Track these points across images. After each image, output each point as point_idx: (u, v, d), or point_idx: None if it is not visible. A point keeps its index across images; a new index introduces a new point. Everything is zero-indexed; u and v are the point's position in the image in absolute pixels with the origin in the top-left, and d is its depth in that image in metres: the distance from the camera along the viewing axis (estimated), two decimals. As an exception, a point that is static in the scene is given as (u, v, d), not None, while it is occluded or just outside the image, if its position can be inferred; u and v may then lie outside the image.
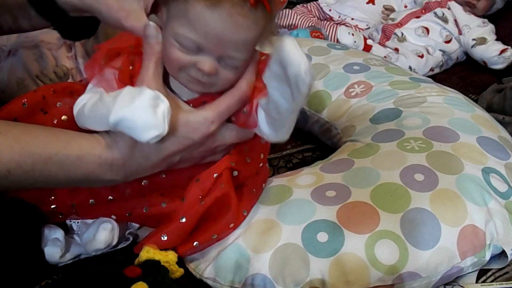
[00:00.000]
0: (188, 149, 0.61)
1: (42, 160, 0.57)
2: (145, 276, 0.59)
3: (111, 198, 0.67)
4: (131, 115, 0.54)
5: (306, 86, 0.51)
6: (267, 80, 0.55)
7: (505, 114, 1.00)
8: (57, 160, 0.57)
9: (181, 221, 0.64)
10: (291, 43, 0.49)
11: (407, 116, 0.84)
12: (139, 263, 0.62)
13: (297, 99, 0.53)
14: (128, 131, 0.55)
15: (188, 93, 0.62)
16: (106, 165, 0.59)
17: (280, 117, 0.57)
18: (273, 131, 0.60)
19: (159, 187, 0.66)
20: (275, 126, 0.60)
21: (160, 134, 0.55)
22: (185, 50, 0.57)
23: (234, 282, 0.65)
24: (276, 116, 0.58)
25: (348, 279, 0.61)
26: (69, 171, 0.58)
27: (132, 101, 0.54)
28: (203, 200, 0.64)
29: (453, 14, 1.38)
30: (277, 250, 0.64)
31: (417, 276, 0.62)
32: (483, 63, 1.34)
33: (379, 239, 0.63)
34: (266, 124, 0.60)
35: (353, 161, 0.75)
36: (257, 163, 0.71)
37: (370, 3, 1.55)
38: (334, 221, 0.64)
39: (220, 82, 0.60)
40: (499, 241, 0.66)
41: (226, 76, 0.59)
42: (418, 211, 0.65)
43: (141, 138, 0.55)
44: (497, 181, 0.71)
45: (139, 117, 0.54)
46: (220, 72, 0.59)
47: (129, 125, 0.55)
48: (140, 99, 0.54)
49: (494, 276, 0.68)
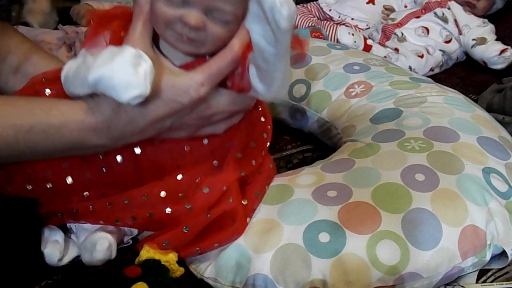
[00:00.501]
0: (177, 114, 0.58)
1: (24, 130, 0.55)
2: (145, 276, 0.59)
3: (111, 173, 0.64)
4: (110, 73, 0.52)
5: (284, 19, 0.47)
6: (248, 25, 0.53)
7: (505, 114, 1.00)
8: (40, 129, 0.56)
9: (184, 230, 0.63)
10: None
11: (407, 116, 0.84)
12: (139, 263, 0.62)
13: (280, 39, 0.49)
14: (108, 91, 0.53)
15: (180, 57, 0.59)
16: (90, 130, 0.57)
17: (268, 66, 0.54)
18: (265, 85, 0.57)
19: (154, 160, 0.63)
20: (266, 79, 0.56)
21: (141, 94, 0.52)
22: (170, 3, 0.55)
23: (235, 282, 0.65)
24: (264, 66, 0.54)
25: (349, 279, 0.61)
26: (54, 140, 0.57)
27: (112, 59, 0.52)
28: (210, 213, 0.64)
29: (453, 14, 1.38)
30: (278, 250, 0.64)
31: (418, 277, 0.62)
32: (483, 63, 1.34)
33: (380, 240, 0.62)
34: (257, 79, 0.57)
35: (354, 161, 0.75)
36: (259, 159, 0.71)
37: (370, 3, 1.55)
38: (335, 221, 0.64)
39: (210, 40, 0.56)
40: (500, 241, 0.66)
41: (215, 33, 0.56)
42: (419, 211, 0.65)
43: (121, 98, 0.52)
44: (498, 181, 0.71)
45: (118, 75, 0.51)
46: (208, 27, 0.55)
47: (109, 84, 0.52)
48: (121, 56, 0.52)
49: (494, 276, 0.68)
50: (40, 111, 0.57)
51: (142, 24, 0.57)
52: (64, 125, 0.57)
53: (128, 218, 0.65)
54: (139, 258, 0.63)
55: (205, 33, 0.56)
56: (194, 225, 0.63)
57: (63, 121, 0.56)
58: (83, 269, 0.67)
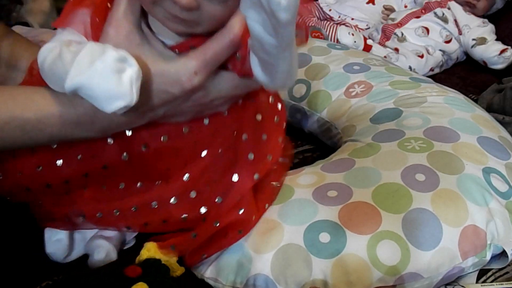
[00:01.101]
0: (169, 104, 0.53)
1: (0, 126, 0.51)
2: (146, 275, 0.59)
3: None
4: (89, 83, 0.45)
5: (282, 10, 0.38)
6: (244, 11, 0.42)
7: (505, 114, 1.00)
8: (17, 125, 0.51)
9: (192, 236, 0.63)
10: None
11: (407, 116, 0.84)
12: (139, 262, 0.62)
13: (279, 30, 0.41)
14: (90, 100, 0.47)
15: (173, 36, 0.52)
16: (71, 123, 0.52)
17: (268, 57, 0.46)
18: (267, 76, 0.49)
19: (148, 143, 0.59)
20: (268, 70, 0.49)
21: (127, 105, 0.46)
22: None
23: (236, 283, 0.65)
24: (264, 56, 0.47)
25: (350, 280, 0.61)
26: (33, 135, 0.52)
27: (92, 64, 0.45)
28: (219, 221, 0.63)
29: (453, 14, 1.38)
30: (279, 250, 0.64)
31: (418, 277, 0.62)
32: (483, 63, 1.34)
33: (381, 240, 0.62)
34: (259, 69, 0.50)
35: (354, 160, 0.75)
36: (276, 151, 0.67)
37: (370, 3, 1.55)
38: (336, 222, 0.64)
39: (206, 19, 0.49)
40: (500, 241, 0.66)
41: (211, 11, 0.48)
42: (419, 211, 0.65)
43: (104, 109, 0.46)
44: (498, 181, 0.71)
45: (99, 85, 0.45)
46: (203, 5, 0.47)
47: (89, 94, 0.46)
48: (101, 62, 0.45)
49: (494, 276, 0.68)
50: (16, 106, 0.52)
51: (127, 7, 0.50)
52: (41, 120, 0.51)
53: (141, 225, 0.65)
54: (140, 258, 0.63)
55: (199, 13, 0.48)
56: (202, 233, 0.63)
57: (40, 116, 0.51)
58: (84, 268, 0.67)
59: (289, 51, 0.45)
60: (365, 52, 1.26)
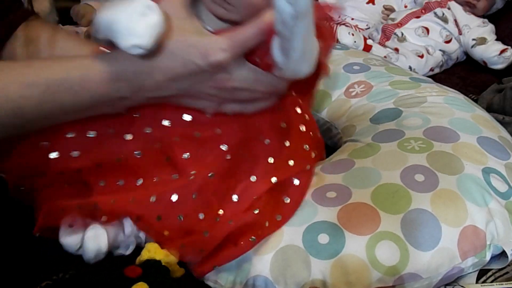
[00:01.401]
0: (194, 75, 0.56)
1: (49, 89, 0.55)
2: (146, 276, 0.59)
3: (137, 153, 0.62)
4: (116, 18, 0.51)
5: None
6: None
7: (505, 114, 1.00)
8: (64, 86, 0.55)
9: (204, 235, 0.61)
10: None
11: (407, 116, 0.84)
12: (140, 263, 0.62)
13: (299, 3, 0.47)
14: (111, 35, 0.52)
15: (215, 22, 0.58)
16: (111, 80, 0.56)
17: (286, 31, 0.50)
18: (284, 56, 0.53)
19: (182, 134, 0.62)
20: (285, 48, 0.52)
21: (141, 44, 0.51)
22: None
23: (235, 284, 0.65)
24: (283, 30, 0.50)
25: (349, 280, 0.61)
26: (77, 95, 0.56)
27: (124, 6, 0.51)
28: (233, 221, 0.61)
29: (453, 14, 1.38)
30: (278, 251, 0.64)
31: (418, 277, 0.62)
32: (483, 63, 1.34)
33: (380, 240, 0.62)
34: (277, 48, 0.53)
35: (354, 161, 0.75)
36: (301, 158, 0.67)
37: (370, 3, 1.55)
38: (335, 223, 0.64)
39: (243, 4, 0.55)
40: (500, 241, 0.66)
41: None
42: (418, 212, 0.65)
43: (120, 44, 0.51)
44: (498, 181, 0.71)
45: (123, 21, 0.51)
46: None
47: (112, 28, 0.52)
48: (131, 4, 0.51)
49: (494, 276, 0.68)
50: (61, 68, 0.56)
51: None
52: (85, 77, 0.55)
53: (153, 217, 0.62)
54: (140, 258, 0.63)
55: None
56: (214, 232, 0.61)
57: (84, 73, 0.55)
58: (84, 267, 0.67)
59: (305, 28, 0.50)
60: (365, 52, 1.26)
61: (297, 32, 0.50)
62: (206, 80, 0.57)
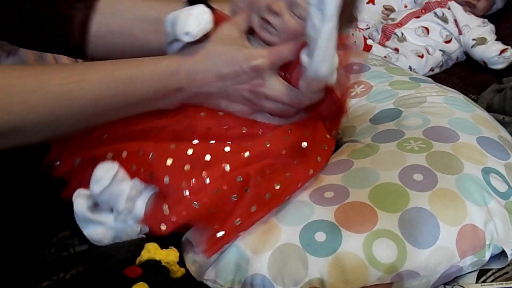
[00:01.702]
0: (236, 77, 0.67)
1: (124, 82, 0.65)
2: (146, 276, 0.59)
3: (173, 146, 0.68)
4: (178, 14, 0.66)
5: None
6: None
7: (505, 114, 1.00)
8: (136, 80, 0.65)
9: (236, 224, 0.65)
10: None
11: (407, 116, 0.84)
12: (140, 263, 0.62)
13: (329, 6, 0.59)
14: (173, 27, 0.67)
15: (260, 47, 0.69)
16: (173, 72, 0.66)
17: (314, 33, 0.61)
18: (309, 57, 0.63)
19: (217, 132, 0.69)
20: (310, 49, 0.62)
21: (191, 32, 0.65)
22: None
23: (234, 283, 0.65)
24: (311, 33, 0.61)
25: (347, 278, 0.62)
26: (145, 87, 0.66)
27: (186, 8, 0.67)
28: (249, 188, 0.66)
29: (453, 14, 1.38)
30: (276, 250, 0.64)
31: (416, 275, 0.62)
32: (483, 63, 1.34)
33: (377, 238, 0.63)
34: (305, 52, 0.64)
35: (352, 162, 0.75)
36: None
37: (370, 3, 1.55)
38: (332, 221, 0.65)
39: (283, 29, 0.68)
40: (499, 241, 0.66)
41: (289, 22, 0.67)
42: (417, 210, 0.65)
43: (177, 31, 0.66)
44: (497, 181, 0.71)
45: (181, 16, 0.66)
46: (285, 16, 0.67)
47: (175, 21, 0.66)
48: (194, 7, 0.67)
49: (494, 276, 0.68)
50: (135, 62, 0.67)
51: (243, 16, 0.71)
52: (154, 69, 0.66)
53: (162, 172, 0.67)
54: (140, 258, 0.63)
55: (282, 21, 0.67)
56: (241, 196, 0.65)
57: (153, 69, 0.66)
58: (85, 267, 0.67)
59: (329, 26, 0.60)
60: (365, 52, 1.26)
61: (323, 32, 0.60)
62: (244, 81, 0.67)
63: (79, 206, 0.68)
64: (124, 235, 0.69)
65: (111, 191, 0.67)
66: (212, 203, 0.65)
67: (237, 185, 0.66)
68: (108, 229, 0.69)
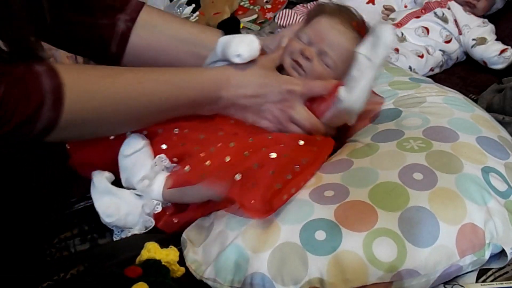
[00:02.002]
0: (272, 95, 0.77)
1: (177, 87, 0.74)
2: (146, 276, 0.59)
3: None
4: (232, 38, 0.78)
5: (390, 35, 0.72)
6: (358, 49, 0.74)
7: (505, 114, 1.00)
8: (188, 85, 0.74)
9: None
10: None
11: (407, 116, 0.85)
12: (140, 263, 0.62)
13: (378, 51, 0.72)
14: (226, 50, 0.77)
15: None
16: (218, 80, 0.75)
17: (358, 73, 0.73)
18: (348, 92, 0.73)
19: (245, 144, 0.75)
20: (351, 84, 0.73)
21: (242, 55, 0.76)
22: (300, 41, 0.81)
23: (234, 282, 0.65)
24: (355, 73, 0.73)
25: (346, 277, 0.62)
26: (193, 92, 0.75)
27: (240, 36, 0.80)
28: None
29: (453, 14, 1.37)
30: (275, 249, 0.64)
31: (415, 274, 0.63)
32: (483, 63, 1.33)
33: (377, 237, 0.63)
34: (343, 89, 0.74)
35: (352, 161, 0.76)
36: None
37: (370, 3, 1.55)
38: (332, 220, 0.65)
39: (311, 71, 0.79)
40: (499, 240, 0.66)
41: (316, 67, 0.79)
42: (416, 209, 0.65)
43: (229, 53, 0.76)
44: (497, 180, 0.71)
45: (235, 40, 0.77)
46: (314, 61, 0.79)
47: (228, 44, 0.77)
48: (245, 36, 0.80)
49: (494, 276, 0.68)
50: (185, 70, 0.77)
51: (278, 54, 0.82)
52: (204, 76, 0.76)
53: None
54: (140, 258, 0.63)
55: (310, 65, 0.79)
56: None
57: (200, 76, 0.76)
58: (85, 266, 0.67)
59: (374, 72, 0.73)
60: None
61: (366, 75, 0.73)
62: (278, 101, 0.77)
63: (98, 178, 0.76)
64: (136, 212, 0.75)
65: (138, 158, 0.76)
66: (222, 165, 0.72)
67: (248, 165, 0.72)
68: (123, 202, 0.75)
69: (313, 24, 0.82)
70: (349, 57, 0.78)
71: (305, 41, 0.80)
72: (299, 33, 0.82)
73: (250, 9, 1.65)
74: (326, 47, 0.79)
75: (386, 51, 0.73)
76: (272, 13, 1.63)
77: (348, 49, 0.79)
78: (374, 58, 0.72)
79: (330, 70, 0.80)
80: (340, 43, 0.80)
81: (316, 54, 0.79)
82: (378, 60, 0.72)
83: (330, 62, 0.79)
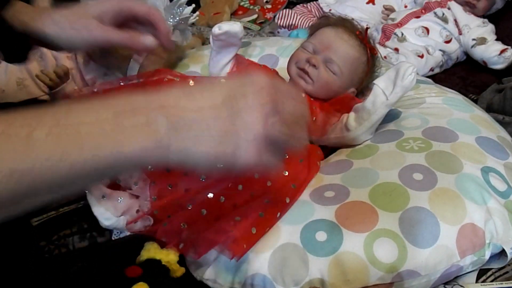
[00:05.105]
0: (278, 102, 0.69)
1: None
2: (146, 276, 0.59)
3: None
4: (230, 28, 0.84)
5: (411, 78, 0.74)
6: (377, 82, 0.76)
7: (505, 114, 1.00)
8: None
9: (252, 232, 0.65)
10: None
11: (406, 117, 0.85)
12: (140, 263, 0.62)
13: (397, 90, 0.74)
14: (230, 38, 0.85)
15: None
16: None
17: (373, 109, 0.76)
18: (358, 124, 0.77)
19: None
20: (362, 119, 0.76)
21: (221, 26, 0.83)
22: (305, 51, 0.85)
23: (234, 283, 0.65)
24: (368, 107, 0.76)
25: (347, 278, 0.62)
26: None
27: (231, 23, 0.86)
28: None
29: (453, 14, 1.37)
30: (276, 250, 0.64)
31: (416, 274, 0.63)
32: (483, 63, 1.33)
33: (378, 238, 0.63)
34: (353, 118, 0.78)
35: (352, 162, 0.76)
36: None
37: (370, 3, 1.55)
38: (332, 221, 0.65)
39: (317, 79, 0.83)
40: (499, 240, 0.66)
41: (322, 74, 0.83)
42: (416, 209, 0.65)
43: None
44: (497, 180, 0.71)
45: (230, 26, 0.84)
46: (320, 69, 0.82)
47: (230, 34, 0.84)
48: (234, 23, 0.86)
49: (494, 276, 0.68)
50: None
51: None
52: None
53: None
54: (140, 258, 0.63)
55: (317, 72, 0.82)
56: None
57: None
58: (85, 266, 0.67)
59: (387, 110, 0.76)
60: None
61: (379, 112, 0.76)
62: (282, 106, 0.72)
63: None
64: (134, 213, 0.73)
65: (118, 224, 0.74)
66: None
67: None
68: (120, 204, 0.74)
69: (318, 35, 0.86)
70: (354, 64, 0.83)
71: (310, 50, 0.83)
72: (304, 44, 0.85)
73: (250, 9, 1.65)
74: (332, 54, 0.82)
75: (404, 92, 0.75)
76: (272, 13, 1.63)
77: (353, 56, 0.83)
78: (391, 97, 0.75)
79: (336, 77, 0.82)
80: (345, 50, 0.83)
81: (322, 61, 0.82)
82: (394, 100, 0.75)
83: (336, 69, 0.82)
